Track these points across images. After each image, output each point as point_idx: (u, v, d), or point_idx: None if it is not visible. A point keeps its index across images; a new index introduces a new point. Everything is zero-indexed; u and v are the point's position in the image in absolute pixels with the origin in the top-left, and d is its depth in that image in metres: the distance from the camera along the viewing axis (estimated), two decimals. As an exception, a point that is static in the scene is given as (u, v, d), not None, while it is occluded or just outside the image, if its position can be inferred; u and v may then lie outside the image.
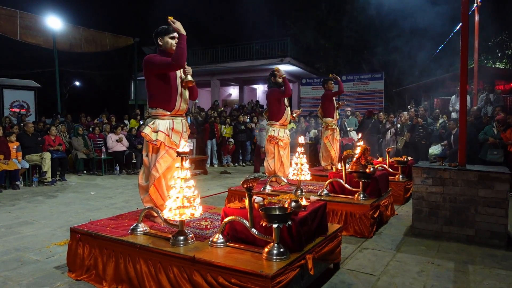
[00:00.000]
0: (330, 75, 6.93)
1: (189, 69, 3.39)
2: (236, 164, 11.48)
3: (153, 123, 3.25)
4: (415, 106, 11.88)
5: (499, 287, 2.97)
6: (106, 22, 18.77)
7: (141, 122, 11.29)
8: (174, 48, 3.31)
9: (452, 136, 7.98)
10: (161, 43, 3.33)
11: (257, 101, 18.53)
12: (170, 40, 3.30)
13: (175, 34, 3.26)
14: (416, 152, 8.58)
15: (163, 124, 3.26)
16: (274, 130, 5.32)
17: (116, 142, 9.38)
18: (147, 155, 3.36)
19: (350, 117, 11.08)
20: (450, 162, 4.36)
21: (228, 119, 11.58)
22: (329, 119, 6.77)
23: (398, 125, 9.56)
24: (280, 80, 5.29)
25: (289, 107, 5.47)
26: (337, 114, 7.01)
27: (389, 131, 9.58)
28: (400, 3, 14.23)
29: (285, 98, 5.45)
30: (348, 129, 10.67)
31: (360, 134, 6.43)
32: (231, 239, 2.82)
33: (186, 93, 3.41)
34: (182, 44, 3.13)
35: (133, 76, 17.92)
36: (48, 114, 12.25)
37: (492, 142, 7.07)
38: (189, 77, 3.35)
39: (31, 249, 3.80)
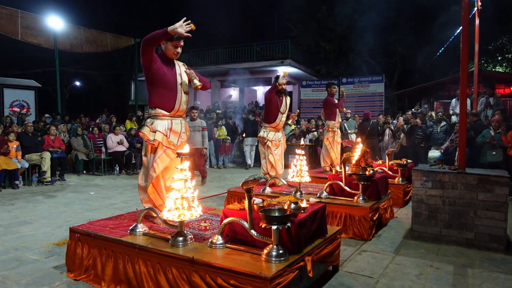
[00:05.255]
0: (342, 89, 7.45)
1: (191, 73, 3.37)
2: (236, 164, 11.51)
3: (151, 123, 3.26)
4: (420, 108, 11.84)
5: (498, 291, 2.97)
6: (107, 22, 18.78)
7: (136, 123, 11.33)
8: (174, 54, 3.30)
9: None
10: (162, 46, 3.31)
11: (256, 102, 18.50)
12: (171, 48, 3.25)
13: (181, 42, 3.24)
14: (415, 155, 8.59)
15: (161, 124, 3.25)
16: (265, 132, 5.50)
17: (117, 144, 9.38)
18: (146, 155, 3.37)
19: (350, 119, 11.09)
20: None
21: (220, 121, 11.43)
22: (331, 121, 6.92)
23: (394, 128, 9.57)
24: (280, 87, 5.32)
25: (285, 114, 5.51)
26: (339, 117, 7.18)
27: (387, 133, 9.57)
28: (401, 6, 14.28)
29: (282, 104, 5.48)
30: (349, 131, 10.67)
31: (359, 138, 6.45)
32: (230, 240, 2.82)
33: (186, 94, 3.39)
34: (159, 31, 3.05)
35: (134, 76, 17.93)
36: (48, 114, 12.26)
37: (490, 141, 7.08)
38: (196, 82, 3.34)
39: (30, 248, 3.80)
